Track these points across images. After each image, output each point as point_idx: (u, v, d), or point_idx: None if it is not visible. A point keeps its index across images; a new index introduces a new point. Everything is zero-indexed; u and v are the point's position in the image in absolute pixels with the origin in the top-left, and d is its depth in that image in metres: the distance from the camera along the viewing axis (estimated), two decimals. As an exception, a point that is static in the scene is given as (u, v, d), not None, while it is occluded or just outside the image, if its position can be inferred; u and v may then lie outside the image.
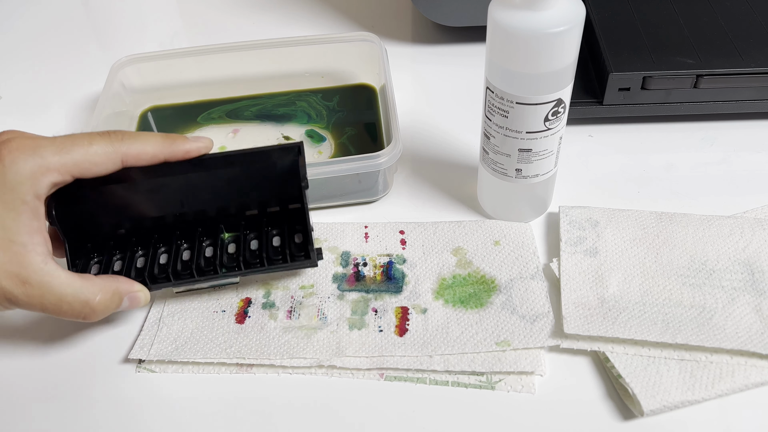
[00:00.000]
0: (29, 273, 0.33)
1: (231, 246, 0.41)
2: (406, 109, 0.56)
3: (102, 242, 0.41)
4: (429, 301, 0.41)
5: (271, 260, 0.40)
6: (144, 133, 0.37)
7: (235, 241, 0.41)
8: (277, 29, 0.67)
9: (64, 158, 0.34)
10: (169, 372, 0.38)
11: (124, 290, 0.37)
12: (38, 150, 0.34)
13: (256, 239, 0.42)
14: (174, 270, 0.39)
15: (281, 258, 0.40)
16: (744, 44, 0.51)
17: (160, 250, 0.41)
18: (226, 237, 0.41)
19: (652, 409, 0.35)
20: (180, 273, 0.39)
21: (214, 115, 0.56)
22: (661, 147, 0.52)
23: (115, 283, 0.37)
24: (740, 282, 0.40)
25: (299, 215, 0.42)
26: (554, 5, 0.34)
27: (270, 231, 0.42)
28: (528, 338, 0.38)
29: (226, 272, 0.39)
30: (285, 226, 0.42)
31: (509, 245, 0.44)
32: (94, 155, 0.35)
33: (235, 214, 0.42)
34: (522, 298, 0.40)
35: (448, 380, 0.37)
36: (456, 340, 0.38)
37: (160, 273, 0.40)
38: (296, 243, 0.41)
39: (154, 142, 0.37)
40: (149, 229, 0.41)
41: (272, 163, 0.40)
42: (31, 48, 0.68)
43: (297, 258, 0.40)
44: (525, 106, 0.38)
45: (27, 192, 0.33)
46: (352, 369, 0.38)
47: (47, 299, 0.34)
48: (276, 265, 0.40)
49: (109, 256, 0.41)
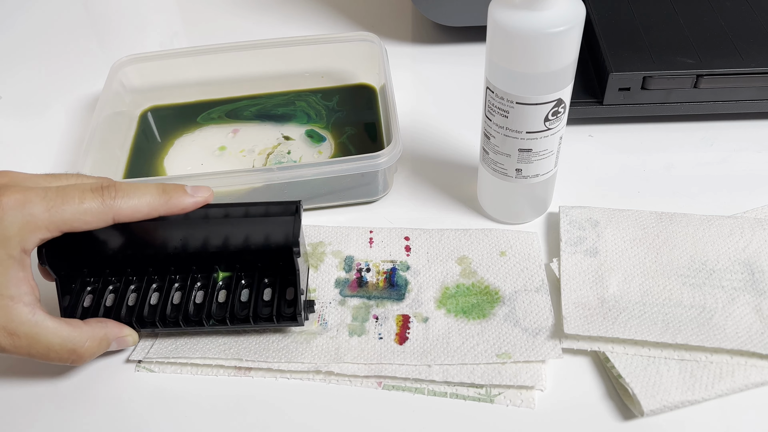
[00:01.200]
0: (16, 325, 0.33)
1: (222, 293, 0.40)
2: (406, 109, 0.56)
3: (98, 268, 0.41)
4: (431, 309, 0.41)
5: (258, 317, 0.39)
6: (139, 187, 0.36)
7: (226, 288, 0.41)
8: (277, 29, 0.67)
9: (54, 216, 0.33)
10: (168, 372, 0.38)
11: (112, 335, 0.37)
12: (27, 206, 0.33)
13: (247, 288, 0.41)
14: (162, 316, 0.39)
15: (268, 316, 0.39)
16: (744, 44, 0.51)
17: (153, 287, 0.41)
18: (219, 278, 0.41)
19: (652, 409, 0.35)
20: (168, 319, 0.39)
21: (213, 115, 0.56)
22: (661, 147, 0.52)
23: (103, 329, 0.37)
24: (740, 282, 0.40)
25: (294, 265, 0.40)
26: (554, 5, 0.34)
27: (262, 280, 0.41)
28: (530, 351, 0.37)
29: (214, 324, 0.39)
30: (278, 275, 0.41)
31: (515, 256, 0.43)
32: (84, 214, 0.34)
33: (231, 254, 0.41)
34: (525, 310, 0.40)
35: (446, 391, 0.37)
36: (456, 350, 0.38)
37: (150, 315, 0.39)
38: (287, 300, 0.40)
39: (150, 198, 0.36)
40: (145, 260, 0.41)
41: (269, 216, 0.39)
42: (31, 48, 0.68)
43: (285, 317, 0.39)
44: (525, 106, 0.38)
45: (14, 247, 0.33)
46: (350, 376, 0.38)
47: (35, 348, 0.34)
48: (263, 323, 0.39)
49: (104, 284, 0.40)
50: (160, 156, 0.53)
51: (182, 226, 0.39)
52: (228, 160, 0.52)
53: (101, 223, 0.35)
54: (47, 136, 0.56)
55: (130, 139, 0.54)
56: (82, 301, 0.40)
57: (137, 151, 0.53)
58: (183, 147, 0.53)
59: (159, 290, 0.41)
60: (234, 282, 0.40)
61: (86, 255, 0.40)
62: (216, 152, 0.53)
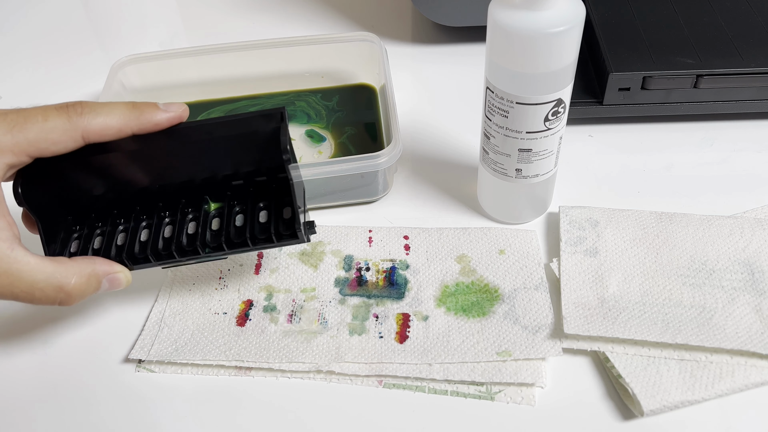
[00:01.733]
0: None
1: (215, 221, 0.38)
2: (406, 109, 0.56)
3: (82, 213, 0.39)
4: (431, 308, 0.41)
5: (256, 239, 0.37)
6: (108, 104, 0.33)
7: (219, 216, 0.39)
8: (277, 29, 0.67)
9: (17, 137, 0.31)
10: (168, 372, 0.38)
11: (101, 272, 0.35)
12: None
13: (241, 213, 0.38)
14: (154, 249, 0.37)
15: (266, 236, 0.37)
16: (744, 44, 0.51)
17: (142, 225, 0.38)
18: (211, 208, 0.38)
19: (652, 409, 0.35)
20: (161, 252, 0.37)
21: (213, 115, 0.56)
22: (661, 147, 0.52)
23: (91, 264, 0.34)
24: (740, 282, 0.40)
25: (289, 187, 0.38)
26: (554, 5, 0.34)
27: (257, 204, 0.39)
28: (529, 349, 0.38)
29: (210, 252, 0.37)
30: (273, 198, 0.39)
31: (514, 254, 0.43)
32: (50, 132, 0.32)
33: (221, 183, 0.39)
34: (525, 308, 0.40)
35: (447, 389, 0.37)
36: (456, 348, 0.38)
37: (141, 251, 0.37)
38: (284, 219, 0.38)
39: (119, 113, 0.33)
40: (131, 199, 0.39)
41: (254, 131, 0.36)
42: (31, 48, 0.68)
43: (284, 237, 0.37)
44: (525, 106, 0.38)
45: None
46: (350, 375, 0.38)
47: (18, 287, 0.32)
48: (261, 244, 0.37)
49: (90, 229, 0.38)
50: (160, 156, 0.53)
51: (162, 153, 0.36)
52: (228, 160, 0.52)
53: (70, 142, 0.32)
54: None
55: (130, 139, 0.54)
56: (69, 247, 0.37)
57: (137, 151, 0.53)
58: (183, 147, 0.53)
59: (149, 227, 0.38)
60: (227, 210, 0.38)
61: (68, 199, 0.37)
62: (216, 152, 0.53)
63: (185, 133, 0.36)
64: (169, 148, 0.36)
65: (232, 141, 0.37)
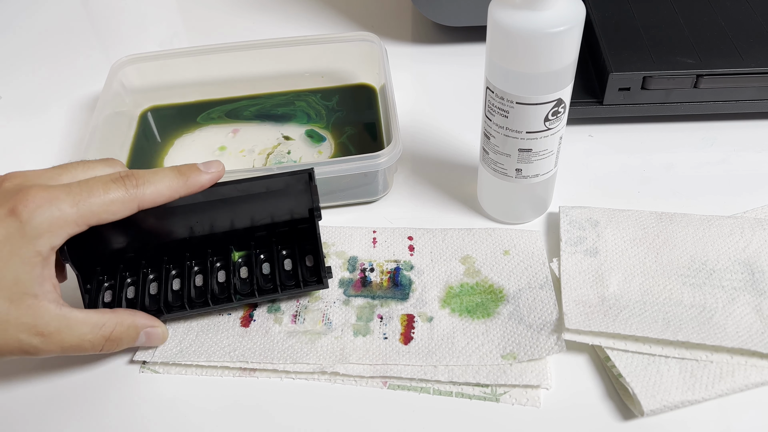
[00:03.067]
0: (45, 322, 0.33)
1: (243, 270, 0.42)
2: (406, 109, 0.56)
3: (111, 264, 0.41)
4: (435, 309, 0.41)
5: (284, 285, 0.40)
6: (157, 172, 0.36)
7: (246, 264, 0.42)
8: (277, 29, 0.67)
9: (82, 210, 0.33)
10: (172, 373, 0.38)
11: (140, 324, 0.37)
12: (55, 202, 0.33)
13: (267, 262, 0.42)
14: (189, 298, 0.39)
15: (294, 283, 0.41)
16: (744, 44, 0.51)
17: (172, 274, 0.41)
18: (236, 257, 0.42)
19: (652, 409, 0.35)
20: (194, 301, 0.40)
21: (213, 115, 0.56)
22: (661, 147, 0.52)
23: (132, 316, 0.37)
24: (740, 282, 0.40)
25: (308, 233, 0.42)
26: (554, 5, 0.34)
27: (280, 252, 0.42)
28: (534, 347, 0.38)
29: (241, 298, 0.40)
30: (295, 246, 0.42)
31: (519, 255, 0.43)
32: (111, 204, 0.34)
33: (244, 232, 0.42)
34: (530, 307, 0.40)
35: (452, 391, 0.37)
36: (461, 351, 0.38)
37: (175, 300, 0.40)
38: (308, 266, 0.42)
39: (169, 181, 0.36)
40: (158, 250, 0.41)
41: (282, 188, 0.40)
42: (32, 48, 0.68)
43: (309, 282, 0.41)
44: (525, 106, 0.38)
45: (44, 245, 0.33)
46: (355, 376, 0.38)
47: (67, 342, 0.34)
48: (289, 290, 0.40)
49: (121, 279, 0.41)
50: (160, 156, 0.53)
51: (196, 208, 0.39)
52: (228, 160, 0.52)
53: (127, 212, 0.35)
54: (47, 136, 0.56)
55: (130, 139, 0.54)
56: (102, 297, 0.40)
57: (137, 151, 0.53)
58: (183, 147, 0.53)
59: (179, 276, 0.41)
60: (254, 258, 0.41)
61: (101, 250, 0.39)
62: (216, 152, 0.53)
63: (220, 191, 0.38)
64: (203, 203, 0.39)
65: (262, 196, 0.40)
